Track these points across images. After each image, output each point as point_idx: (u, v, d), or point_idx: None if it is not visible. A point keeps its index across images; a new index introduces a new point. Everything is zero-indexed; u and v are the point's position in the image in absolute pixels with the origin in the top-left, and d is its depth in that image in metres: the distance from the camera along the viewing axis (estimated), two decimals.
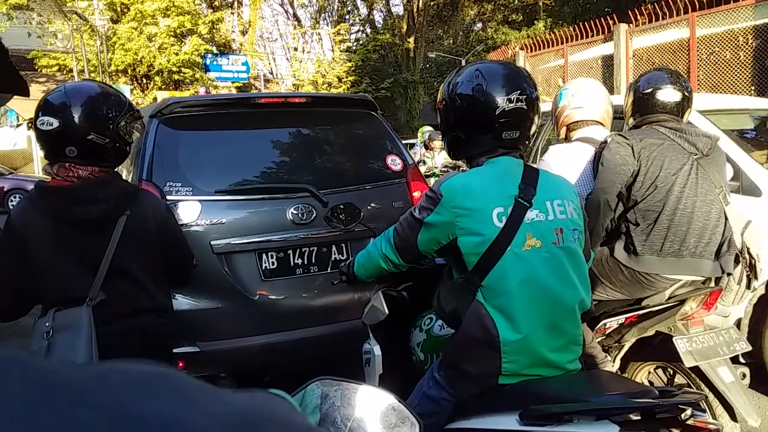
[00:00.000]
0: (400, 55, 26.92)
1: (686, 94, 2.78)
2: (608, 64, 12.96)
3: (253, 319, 3.12)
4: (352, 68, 25.14)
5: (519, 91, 1.88)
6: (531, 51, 15.35)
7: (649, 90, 2.79)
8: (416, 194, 3.55)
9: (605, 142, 2.76)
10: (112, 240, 2.08)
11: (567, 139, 3.15)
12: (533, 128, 1.97)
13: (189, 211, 3.04)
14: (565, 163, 2.92)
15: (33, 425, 0.24)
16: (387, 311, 2.37)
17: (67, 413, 0.25)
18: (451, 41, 29.47)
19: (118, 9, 22.55)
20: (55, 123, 2.01)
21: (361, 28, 29.17)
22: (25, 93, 1.65)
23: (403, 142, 3.89)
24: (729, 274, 2.69)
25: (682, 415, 1.56)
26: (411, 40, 26.68)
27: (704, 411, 2.47)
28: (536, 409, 1.67)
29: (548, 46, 14.66)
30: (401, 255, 2.00)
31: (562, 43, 14.14)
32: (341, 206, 3.13)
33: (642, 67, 11.74)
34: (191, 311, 3.01)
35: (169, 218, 2.36)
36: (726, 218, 2.68)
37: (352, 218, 3.20)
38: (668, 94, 2.76)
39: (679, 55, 11.25)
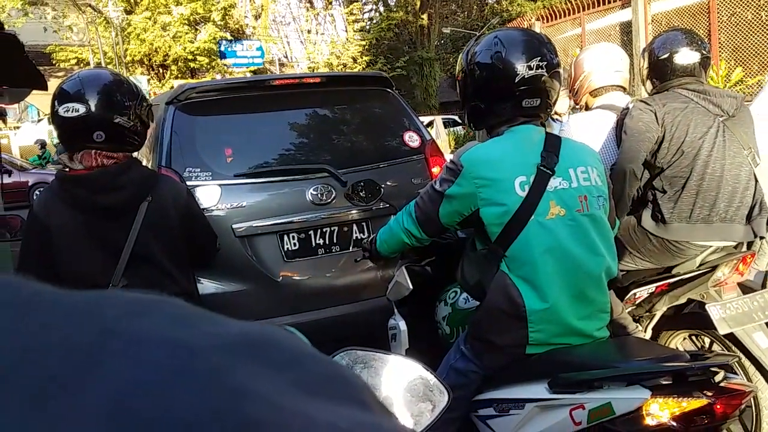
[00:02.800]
0: (414, 33, 26.66)
1: (704, 53, 2.68)
2: (626, 30, 12.69)
3: (277, 301, 3.14)
4: (367, 48, 24.97)
5: (539, 58, 1.84)
6: (547, 21, 15.08)
7: (666, 54, 2.68)
8: (435, 170, 3.52)
9: (627, 109, 2.70)
10: (134, 226, 2.09)
11: (587, 107, 3.09)
12: (554, 95, 1.93)
13: (209, 195, 3.06)
14: (587, 132, 2.86)
15: (20, 336, 0.24)
16: (411, 286, 2.36)
17: (58, 329, 0.25)
18: (466, 15, 29.08)
19: (132, 0, 22.61)
20: (81, 108, 2.01)
21: (374, 7, 28.86)
22: (44, 87, 1.66)
23: (420, 119, 3.85)
24: (761, 238, 2.63)
25: (715, 378, 1.54)
26: (425, 16, 26.38)
27: (736, 373, 2.44)
28: (565, 376, 1.66)
29: (564, 16, 14.39)
30: (423, 229, 1.99)
31: (579, 12, 13.88)
32: (362, 183, 3.12)
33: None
34: (216, 294, 3.04)
35: (191, 202, 2.36)
36: (756, 180, 2.61)
37: (373, 195, 3.19)
38: (686, 56, 2.65)
39: (699, 18, 10.97)
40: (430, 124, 16.39)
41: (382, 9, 28.19)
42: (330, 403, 0.28)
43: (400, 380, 0.97)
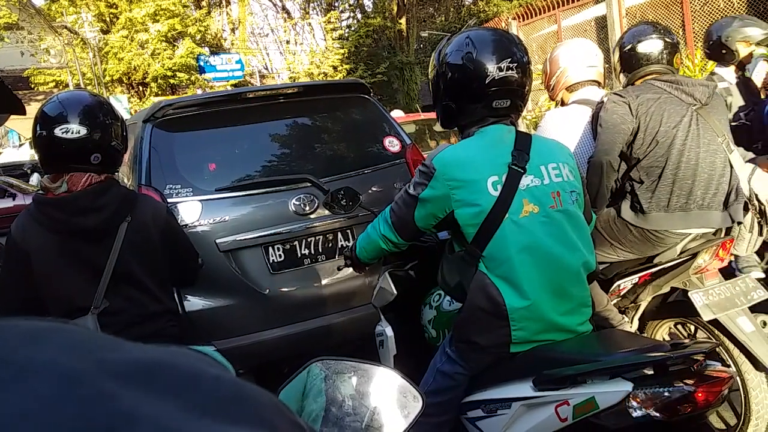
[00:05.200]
0: (393, 38, 26.67)
1: (668, 40, 2.73)
2: (602, 25, 12.76)
3: (265, 314, 3.13)
4: (346, 56, 24.98)
5: (509, 59, 1.85)
6: (523, 20, 15.17)
7: (631, 45, 2.76)
8: None
9: (602, 102, 2.72)
10: (114, 247, 2.08)
11: (563, 102, 3.12)
12: (526, 95, 1.95)
13: (191, 211, 3.04)
14: (563, 127, 2.89)
15: None
16: (395, 292, 2.37)
17: None
18: (443, 18, 29.18)
19: (108, 19, 22.51)
20: (83, 130, 2.01)
21: (351, 14, 28.88)
22: (21, 111, 1.65)
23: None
24: (739, 223, 2.65)
25: (695, 366, 1.55)
26: (402, 21, 26.40)
27: (717, 360, 2.45)
28: (549, 373, 1.66)
29: (540, 13, 14.48)
30: (400, 234, 2.00)
31: (554, 9, 13.95)
32: (341, 191, 3.13)
33: None
34: (204, 311, 3.03)
35: (170, 220, 2.36)
36: (731, 166, 2.63)
37: (352, 202, 3.19)
38: (651, 45, 2.72)
39: (673, 9, 11.06)
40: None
41: (359, 16, 28.23)
42: (226, 424, 0.28)
43: (375, 388, 0.97)
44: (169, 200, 2.97)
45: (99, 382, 0.26)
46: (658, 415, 1.47)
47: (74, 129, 2.00)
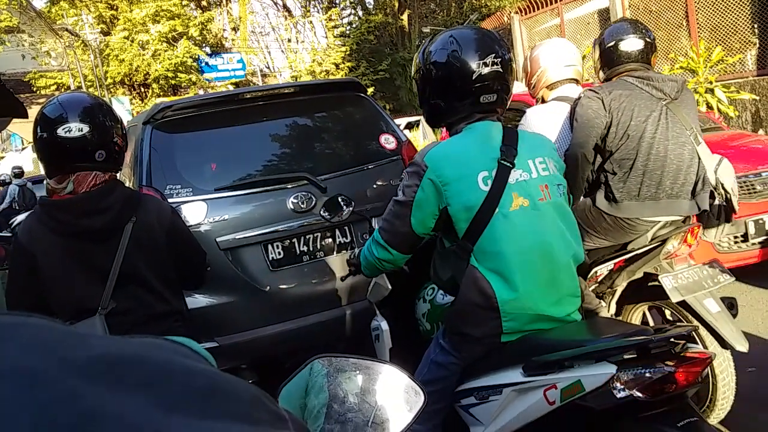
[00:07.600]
0: (395, 34, 26.64)
1: (648, 40, 2.86)
2: (605, 18, 12.73)
3: (266, 310, 3.18)
4: (348, 53, 24.97)
5: (493, 54, 1.90)
6: (525, 14, 15.14)
7: (613, 42, 2.88)
8: None
9: (579, 98, 2.84)
10: (120, 248, 2.07)
11: (543, 100, 3.22)
12: (510, 90, 2.00)
13: (191, 211, 3.10)
14: (543, 123, 3.03)
15: None
16: (390, 287, 2.41)
17: None
18: (445, 14, 29.11)
19: (108, 21, 22.56)
20: (85, 128, 2.01)
21: (353, 11, 28.87)
22: (24, 115, 1.69)
23: (408, 120, 3.83)
24: (706, 211, 2.77)
25: (676, 348, 1.61)
26: (404, 17, 26.36)
27: (696, 342, 2.60)
28: (537, 359, 1.71)
29: (543, 7, 14.44)
30: (399, 249, 2.03)
31: (557, 2, 13.92)
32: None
33: (640, 17, 11.49)
34: (206, 308, 3.08)
35: (176, 220, 2.34)
36: (699, 158, 2.76)
37: (341, 211, 3.16)
38: (631, 44, 2.85)
39: (676, 0, 11.03)
40: (417, 123, 16.31)
41: (360, 13, 28.20)
42: (198, 419, 0.27)
43: (377, 384, 0.99)
44: (169, 200, 3.02)
45: (62, 381, 0.25)
46: (641, 395, 1.52)
47: (76, 127, 2.00)
